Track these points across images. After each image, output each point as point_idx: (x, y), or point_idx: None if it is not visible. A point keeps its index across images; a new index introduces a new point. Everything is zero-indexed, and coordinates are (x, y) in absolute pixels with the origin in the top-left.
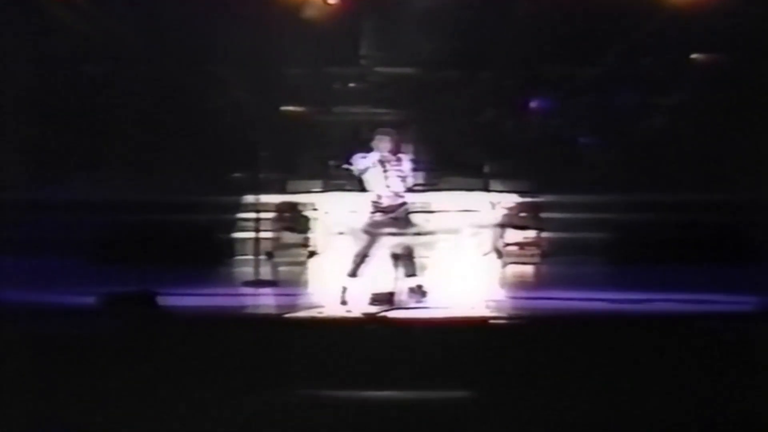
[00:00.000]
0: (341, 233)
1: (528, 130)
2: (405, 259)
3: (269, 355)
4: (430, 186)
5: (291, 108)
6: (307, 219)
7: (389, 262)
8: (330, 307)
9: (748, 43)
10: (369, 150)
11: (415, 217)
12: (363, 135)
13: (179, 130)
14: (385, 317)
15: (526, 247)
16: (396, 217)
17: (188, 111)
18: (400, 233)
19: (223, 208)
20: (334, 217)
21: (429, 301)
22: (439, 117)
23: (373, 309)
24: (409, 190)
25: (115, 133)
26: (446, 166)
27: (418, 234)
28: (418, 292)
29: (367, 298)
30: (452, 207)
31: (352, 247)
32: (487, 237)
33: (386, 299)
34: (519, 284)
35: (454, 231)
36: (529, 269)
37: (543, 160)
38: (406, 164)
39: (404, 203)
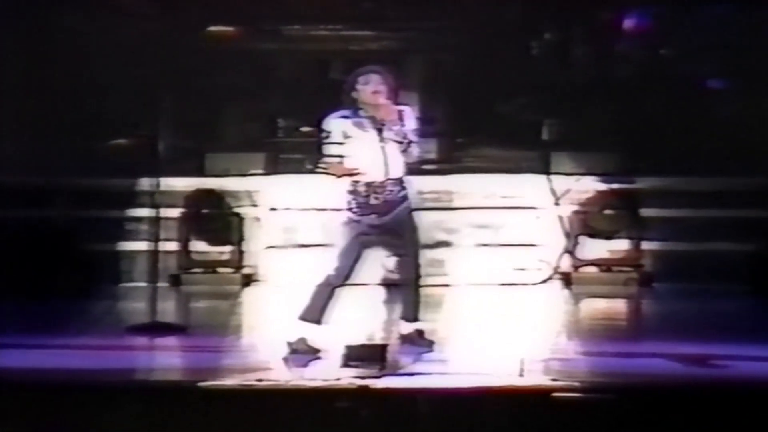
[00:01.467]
0: (296, 245)
1: (621, 64)
2: (403, 290)
3: None
4: (450, 164)
5: (213, 28)
6: (238, 220)
7: (377, 295)
8: (277, 371)
9: None
10: (346, 103)
11: (421, 218)
12: (335, 74)
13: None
14: (368, 387)
15: (614, 268)
16: (390, 218)
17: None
18: (395, 245)
19: (91, 198)
20: (285, 217)
21: (441, 358)
22: (467, 42)
23: (350, 373)
24: (413, 170)
25: None
26: (477, 128)
27: (427, 246)
28: (422, 343)
29: (340, 355)
30: (486, 199)
31: (314, 268)
32: (547, 251)
33: (372, 357)
34: (601, 332)
35: (490, 241)
36: (617, 305)
37: (645, 119)
38: (409, 126)
39: (403, 194)
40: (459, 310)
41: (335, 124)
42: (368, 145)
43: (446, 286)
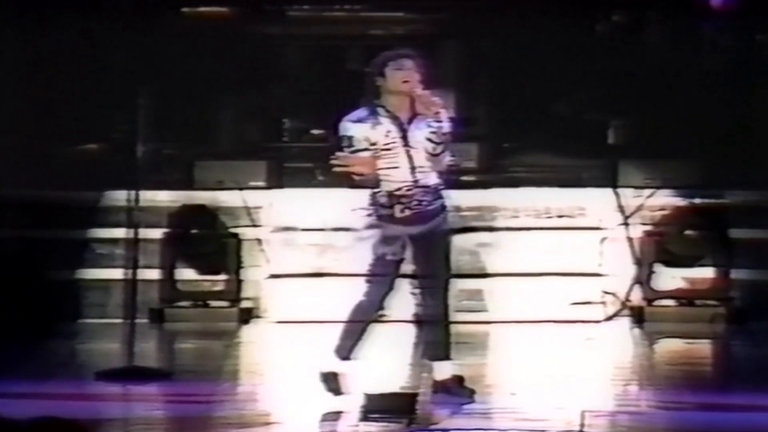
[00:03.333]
0: (305, 273)
1: (705, 52)
2: (431, 325)
3: None
4: (493, 174)
5: (202, 8)
6: (234, 243)
7: (405, 333)
8: (281, 425)
9: None
10: (368, 92)
11: (458, 239)
12: (352, 65)
13: None
14: None
15: (697, 302)
16: (418, 232)
17: None
18: (422, 266)
19: (54, 214)
20: (291, 239)
21: (485, 410)
22: (513, 25)
23: (371, 428)
24: (449, 181)
25: None
26: (526, 131)
27: (466, 275)
28: (461, 392)
29: (359, 405)
30: (538, 218)
31: (328, 301)
32: (614, 281)
33: (398, 408)
34: (680, 379)
35: (543, 269)
36: (701, 347)
37: (735, 119)
38: (444, 127)
39: (437, 207)
40: (506, 353)
41: (356, 129)
42: (392, 149)
43: (491, 323)
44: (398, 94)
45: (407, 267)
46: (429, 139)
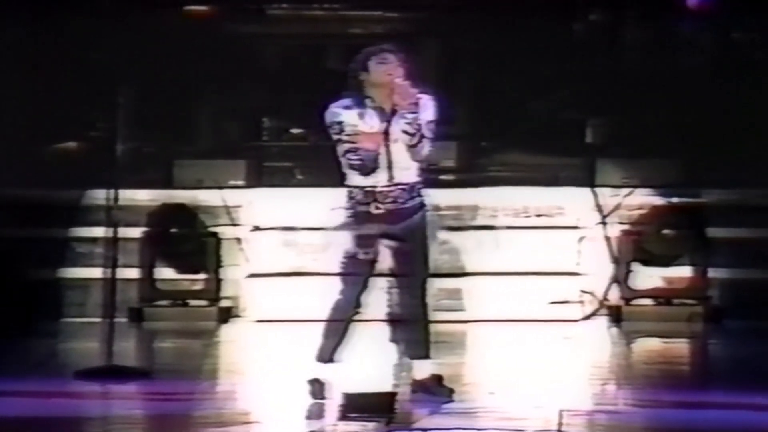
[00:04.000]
0: (285, 272)
1: (682, 50)
2: (409, 324)
3: None
4: (471, 173)
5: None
6: (214, 242)
7: (383, 331)
8: (259, 425)
9: None
10: (350, 89)
11: (437, 239)
12: (332, 64)
13: None
14: None
15: (674, 301)
16: (396, 230)
17: None
18: (400, 266)
19: (32, 213)
20: (271, 238)
21: (464, 409)
22: (492, 24)
23: (350, 427)
24: (428, 180)
25: None
26: (505, 130)
27: (446, 274)
28: (439, 391)
29: (338, 404)
30: (516, 217)
31: (308, 300)
32: (591, 280)
33: (377, 407)
34: (658, 378)
35: (521, 268)
36: (678, 346)
37: (712, 118)
38: (426, 117)
39: (415, 204)
40: (485, 352)
41: (346, 115)
42: (373, 142)
43: (470, 322)
44: (382, 86)
45: (383, 266)
46: (405, 131)
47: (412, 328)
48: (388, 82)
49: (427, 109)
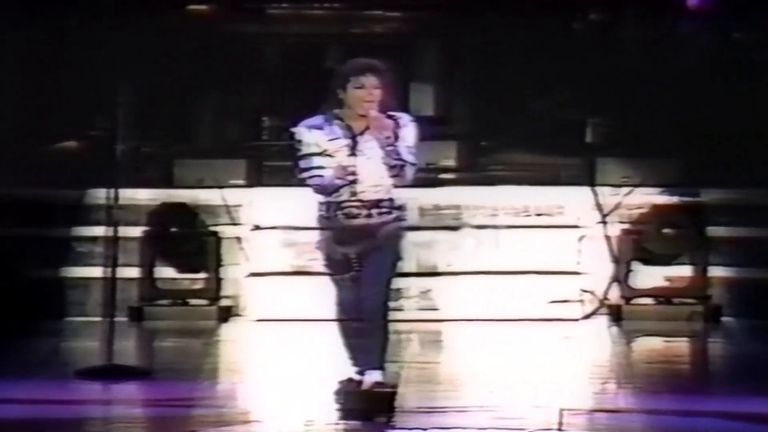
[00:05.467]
0: (285, 272)
1: (682, 51)
2: (369, 331)
3: None
4: (471, 173)
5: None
6: (214, 241)
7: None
8: (260, 425)
9: None
10: (329, 101)
11: (434, 238)
12: (331, 63)
13: None
14: None
15: (674, 300)
16: (364, 247)
17: None
18: (368, 263)
19: (33, 213)
20: (271, 237)
21: (460, 408)
22: (492, 24)
23: (350, 427)
24: (401, 199)
25: None
26: (504, 130)
27: (443, 273)
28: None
29: (337, 401)
30: (516, 217)
31: (308, 300)
32: (591, 279)
33: (378, 404)
34: (658, 379)
35: (521, 267)
36: (678, 346)
37: (713, 117)
38: (406, 142)
39: (386, 220)
40: (482, 351)
41: (309, 135)
42: (338, 159)
43: (467, 321)
44: (355, 110)
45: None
46: (385, 164)
47: (372, 334)
48: (360, 112)
49: (406, 134)
